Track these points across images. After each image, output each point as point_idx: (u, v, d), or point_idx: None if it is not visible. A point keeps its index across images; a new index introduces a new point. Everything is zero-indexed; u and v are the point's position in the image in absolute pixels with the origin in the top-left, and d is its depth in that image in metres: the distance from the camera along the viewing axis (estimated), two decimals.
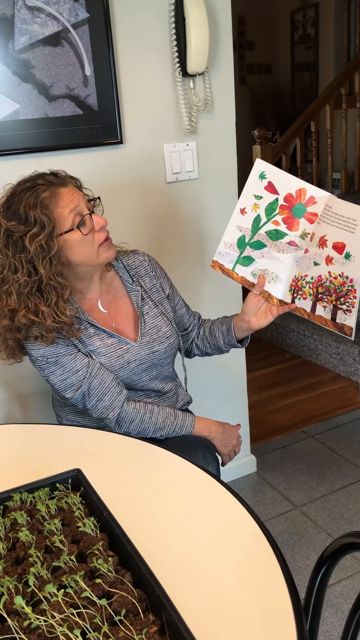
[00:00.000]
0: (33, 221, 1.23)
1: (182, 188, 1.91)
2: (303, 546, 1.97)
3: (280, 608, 0.76)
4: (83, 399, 1.37)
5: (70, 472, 0.99)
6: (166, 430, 1.42)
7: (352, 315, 1.31)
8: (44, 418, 1.85)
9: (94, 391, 1.35)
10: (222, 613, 0.77)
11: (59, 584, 0.76)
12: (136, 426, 1.40)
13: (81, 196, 1.30)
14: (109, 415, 1.38)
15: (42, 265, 1.24)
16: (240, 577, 0.83)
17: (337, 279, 1.30)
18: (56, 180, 1.28)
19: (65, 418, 1.52)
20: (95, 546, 0.82)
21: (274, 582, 0.81)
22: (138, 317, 1.44)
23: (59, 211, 1.25)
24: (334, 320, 1.34)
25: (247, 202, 1.37)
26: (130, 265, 1.49)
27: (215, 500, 1.01)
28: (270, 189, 1.35)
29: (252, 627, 0.74)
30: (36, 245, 1.22)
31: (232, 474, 2.34)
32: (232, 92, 1.91)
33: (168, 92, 1.81)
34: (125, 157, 1.79)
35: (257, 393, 3.02)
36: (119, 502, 0.96)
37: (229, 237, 1.40)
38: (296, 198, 1.33)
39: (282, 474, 2.37)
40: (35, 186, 1.26)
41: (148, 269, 1.49)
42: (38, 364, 1.36)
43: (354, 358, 3.03)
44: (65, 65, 1.63)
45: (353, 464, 2.39)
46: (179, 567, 0.85)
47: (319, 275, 1.33)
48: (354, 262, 1.26)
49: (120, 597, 0.73)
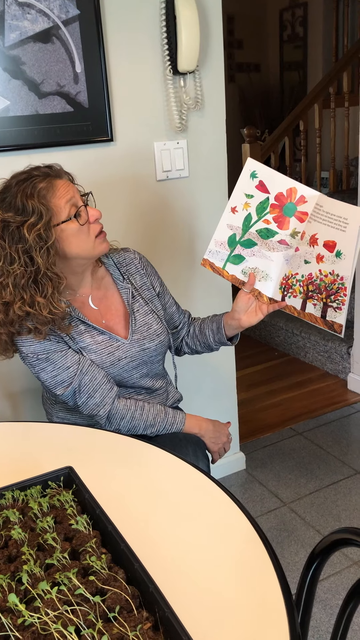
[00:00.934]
0: (31, 211, 1.23)
1: (173, 186, 1.91)
2: (292, 543, 1.98)
3: (272, 603, 0.77)
4: (74, 396, 1.37)
5: (62, 469, 0.99)
6: (157, 427, 1.42)
7: (342, 313, 1.32)
8: (34, 416, 1.85)
9: (85, 388, 1.35)
10: (215, 609, 0.77)
11: (52, 582, 0.76)
12: (127, 423, 1.40)
13: (75, 189, 1.32)
14: (100, 412, 1.38)
15: (40, 254, 1.24)
16: (232, 573, 0.83)
17: (328, 277, 1.31)
18: (51, 172, 1.29)
19: (55, 416, 1.52)
20: (88, 543, 0.82)
21: (266, 578, 0.81)
22: (128, 314, 1.45)
23: (55, 201, 1.26)
24: (324, 317, 1.35)
25: (238, 200, 1.38)
26: (121, 263, 1.49)
27: (206, 497, 1.02)
28: (262, 188, 1.36)
29: (245, 622, 0.75)
30: (34, 235, 1.23)
31: (221, 471, 2.34)
32: (222, 91, 1.92)
33: (159, 90, 1.81)
34: (115, 154, 1.79)
35: (245, 391, 3.03)
36: (110, 500, 0.96)
37: (220, 235, 1.41)
38: (287, 197, 1.34)
39: (270, 471, 2.38)
40: (31, 177, 1.27)
41: (139, 267, 1.50)
42: (28, 361, 1.35)
43: (342, 356, 3.05)
44: (56, 62, 1.63)
45: (341, 460, 2.41)
46: (172, 563, 0.86)
47: (310, 274, 1.34)
48: (344, 260, 1.28)
49: (113, 593, 0.73)
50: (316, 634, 1.64)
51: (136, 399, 1.45)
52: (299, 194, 1.33)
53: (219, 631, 0.74)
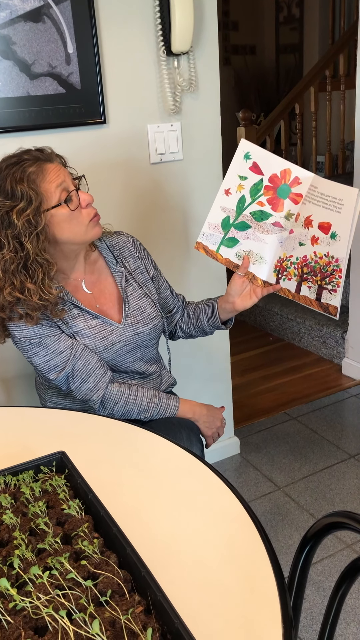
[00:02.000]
0: (20, 196, 1.22)
1: (167, 169, 1.89)
2: (286, 526, 2.00)
3: (264, 587, 0.77)
4: (67, 381, 1.36)
5: (55, 454, 0.98)
6: (150, 411, 1.42)
7: (337, 295, 1.31)
8: (27, 401, 1.84)
9: (78, 372, 1.35)
10: (207, 592, 0.77)
11: (44, 566, 0.76)
12: (120, 408, 1.40)
13: (67, 173, 1.30)
14: (93, 397, 1.37)
15: (29, 240, 1.23)
16: (225, 556, 0.83)
17: (323, 259, 1.30)
18: (42, 156, 1.27)
19: (49, 401, 1.51)
20: (80, 528, 0.82)
21: (258, 562, 0.81)
22: (122, 298, 1.44)
23: (45, 186, 1.25)
24: (319, 300, 1.34)
25: (232, 182, 1.36)
26: (114, 246, 1.48)
27: (199, 481, 1.01)
28: (255, 169, 1.34)
29: (238, 605, 0.75)
30: (23, 220, 1.21)
31: (215, 455, 2.35)
32: (216, 72, 1.89)
33: (152, 71, 1.78)
34: (108, 137, 1.77)
35: (240, 376, 3.04)
36: (103, 484, 0.96)
37: (213, 218, 1.39)
38: (281, 179, 1.33)
39: (265, 455, 2.39)
40: (21, 161, 1.24)
41: (132, 250, 1.48)
42: (21, 346, 1.34)
43: (337, 341, 3.05)
44: (47, 42, 1.60)
45: (335, 445, 2.42)
46: (165, 547, 0.86)
47: (304, 256, 1.33)
48: (339, 242, 1.27)
49: (105, 578, 0.73)
50: (309, 615, 1.66)
51: (130, 383, 1.45)
52: (293, 175, 1.32)
53: (211, 614, 0.74)
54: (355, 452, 2.36)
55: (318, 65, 3.81)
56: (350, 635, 1.59)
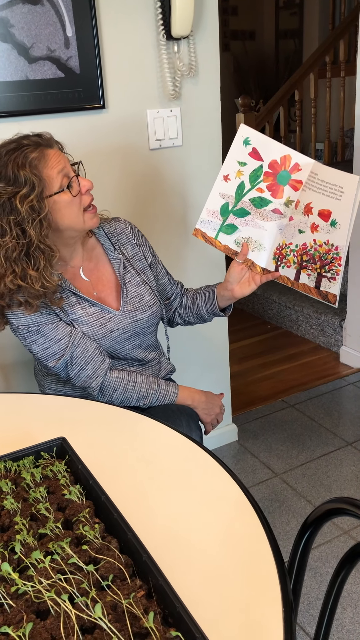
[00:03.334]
0: (23, 181, 1.21)
1: (166, 155, 1.88)
2: (283, 513, 2.01)
3: (265, 571, 0.78)
4: (66, 368, 1.36)
5: (55, 440, 0.98)
6: (149, 398, 1.42)
7: (336, 283, 1.31)
8: (26, 388, 1.84)
9: (77, 360, 1.35)
10: (208, 577, 0.78)
11: (46, 551, 0.76)
12: (119, 395, 1.40)
13: (66, 159, 1.29)
14: (92, 384, 1.37)
15: (32, 227, 1.22)
16: (225, 541, 0.84)
17: (322, 247, 1.30)
18: (42, 141, 1.26)
19: (48, 387, 1.51)
20: (81, 513, 0.82)
21: (258, 546, 0.82)
22: (120, 285, 1.43)
23: (47, 172, 1.24)
24: (318, 288, 1.34)
25: (231, 168, 1.35)
26: (112, 233, 1.47)
27: (199, 467, 1.02)
28: (255, 155, 1.33)
29: (238, 590, 0.75)
30: (27, 207, 1.21)
31: (213, 442, 2.36)
32: (217, 57, 1.87)
33: (152, 55, 1.76)
34: (107, 122, 1.75)
35: (238, 363, 3.04)
36: (104, 470, 0.96)
37: (212, 204, 1.38)
38: (281, 165, 1.31)
39: (262, 442, 2.40)
40: (22, 147, 1.23)
41: (130, 237, 1.48)
42: (19, 333, 1.34)
43: (334, 329, 3.06)
44: (46, 25, 1.58)
45: (332, 432, 2.43)
46: (165, 532, 0.86)
47: (304, 243, 1.32)
48: (339, 230, 1.26)
49: (107, 562, 0.73)
50: (306, 600, 1.67)
51: (129, 370, 1.45)
52: (293, 162, 1.30)
53: (212, 599, 0.74)
54: (353, 439, 2.37)
55: (318, 52, 3.78)
56: (346, 619, 1.60)
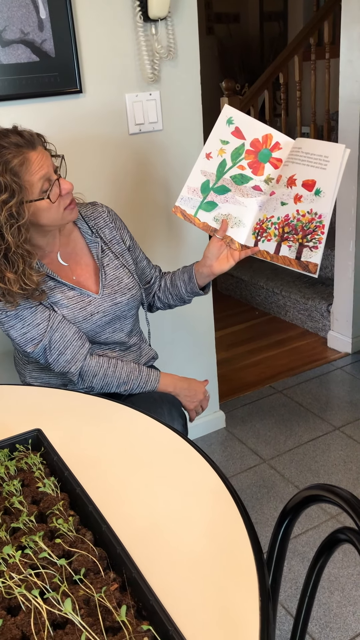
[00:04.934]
0: (3, 188, 1.18)
1: (146, 140, 1.85)
2: (271, 499, 2.00)
3: (242, 561, 0.76)
4: (44, 353, 1.34)
5: (30, 432, 0.96)
6: (130, 384, 1.40)
7: (318, 252, 1.31)
8: (6, 379, 1.82)
9: (55, 345, 1.33)
10: (184, 568, 0.77)
11: (18, 545, 0.75)
12: (99, 380, 1.38)
13: (49, 159, 1.26)
14: (72, 369, 1.36)
15: (10, 232, 1.20)
16: (203, 532, 0.82)
17: (305, 217, 1.30)
18: (23, 143, 1.21)
19: (29, 376, 1.49)
20: (55, 506, 0.80)
21: (236, 536, 0.81)
22: (98, 269, 1.42)
23: (28, 178, 1.22)
24: (299, 259, 1.34)
25: (213, 147, 1.37)
26: (89, 217, 1.45)
27: (178, 457, 1.00)
28: (237, 134, 1.35)
29: (215, 581, 0.74)
30: (6, 213, 1.19)
31: (201, 430, 2.35)
32: (196, 39, 1.83)
33: (129, 38, 1.72)
34: (85, 107, 1.72)
35: (225, 350, 3.03)
36: (81, 462, 0.95)
37: (193, 182, 1.39)
38: (262, 143, 1.34)
39: (250, 429, 2.39)
40: (2, 149, 1.19)
41: (107, 220, 1.46)
42: None
43: (322, 314, 3.05)
44: (18, 7, 1.54)
45: (320, 417, 2.42)
46: (141, 524, 0.85)
47: (286, 215, 1.33)
48: (324, 198, 1.27)
49: (80, 556, 0.72)
50: (294, 585, 1.67)
51: (109, 356, 1.43)
52: (274, 141, 1.33)
53: (188, 590, 0.73)
54: (340, 424, 2.37)
55: (302, 33, 3.73)
56: (333, 603, 1.61)
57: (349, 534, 0.76)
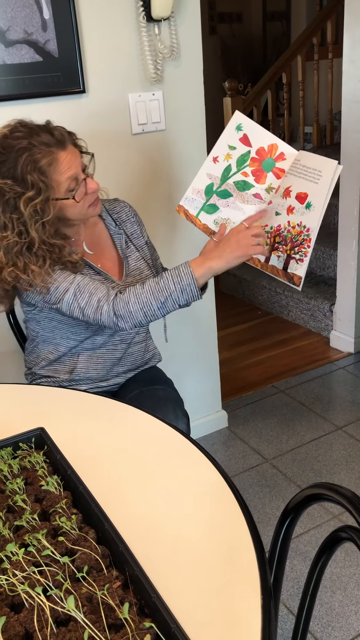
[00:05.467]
0: (30, 185, 1.21)
1: (149, 139, 1.85)
2: (273, 498, 2.01)
3: (244, 560, 0.77)
4: (75, 299, 1.30)
5: (34, 431, 0.97)
6: (164, 291, 1.28)
7: (303, 265, 1.32)
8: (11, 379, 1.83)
9: (85, 287, 1.30)
10: (186, 566, 0.77)
11: (22, 543, 0.75)
12: (134, 305, 1.29)
13: (78, 158, 1.29)
14: (104, 307, 1.29)
15: (35, 228, 1.23)
16: (205, 530, 0.83)
17: (295, 228, 1.32)
18: (53, 142, 1.23)
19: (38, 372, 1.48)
20: (58, 504, 0.81)
21: (239, 535, 0.81)
22: (121, 260, 1.47)
23: (56, 177, 1.24)
24: (285, 270, 1.35)
25: (221, 151, 1.38)
26: (113, 210, 1.51)
27: (181, 456, 1.01)
28: (245, 141, 1.37)
29: (217, 579, 0.74)
30: (31, 209, 1.21)
31: (203, 429, 2.35)
32: (199, 39, 1.84)
33: (132, 38, 1.73)
34: (88, 107, 1.72)
35: (228, 350, 3.03)
36: (84, 461, 0.95)
37: (198, 183, 1.42)
38: (267, 152, 1.36)
39: (253, 428, 2.40)
40: (32, 147, 1.21)
41: (129, 215, 1.53)
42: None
43: (325, 314, 3.05)
44: (22, 8, 1.54)
45: (322, 417, 2.42)
46: (144, 522, 0.85)
47: (279, 225, 1.35)
48: (313, 212, 1.28)
49: (83, 554, 0.72)
50: (296, 585, 1.68)
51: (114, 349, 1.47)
52: (279, 151, 1.35)
53: (190, 588, 0.73)
54: (342, 423, 2.37)
55: (305, 33, 3.73)
56: (335, 602, 1.61)
57: (350, 533, 0.76)
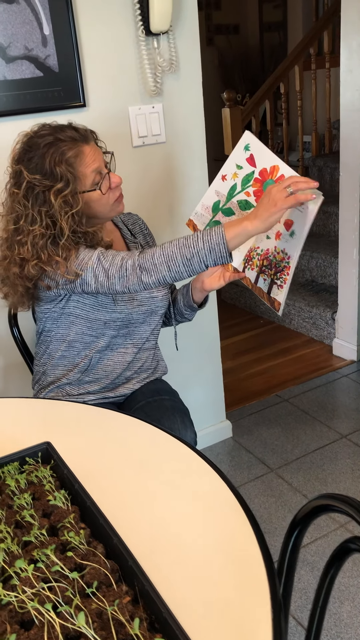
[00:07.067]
0: (59, 177, 1.26)
1: (149, 152, 1.86)
2: (279, 508, 2.00)
3: (253, 571, 0.77)
4: (99, 262, 1.28)
5: (40, 445, 0.97)
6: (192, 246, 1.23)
7: (282, 292, 1.34)
8: (15, 392, 1.83)
9: (109, 252, 1.29)
10: (196, 580, 0.77)
11: (30, 559, 0.75)
12: (159, 257, 1.24)
13: (100, 154, 1.35)
14: (128, 262, 1.26)
15: (64, 219, 1.27)
16: (213, 543, 0.82)
17: (279, 254, 1.34)
18: (78, 137, 1.30)
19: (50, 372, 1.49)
20: (66, 519, 0.81)
21: (247, 547, 0.81)
22: None
23: (82, 170, 1.30)
24: (269, 294, 1.36)
25: (229, 169, 1.40)
26: (128, 222, 1.57)
27: (188, 469, 1.00)
28: (251, 161, 1.38)
29: (226, 592, 0.74)
30: (60, 201, 1.26)
31: (208, 439, 2.35)
32: (197, 52, 1.85)
33: (131, 51, 1.74)
34: (88, 120, 1.73)
35: (231, 359, 3.03)
36: (91, 474, 0.95)
37: (207, 200, 1.44)
38: (269, 174, 1.37)
39: (257, 438, 2.39)
40: (59, 141, 1.27)
41: (142, 227, 1.60)
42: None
43: (327, 322, 3.05)
44: (22, 24, 1.56)
45: (327, 425, 2.42)
46: (153, 536, 0.85)
47: (267, 249, 1.37)
48: (295, 240, 1.30)
49: (92, 569, 0.72)
50: (303, 595, 1.67)
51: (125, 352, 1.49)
52: (279, 173, 1.36)
53: (200, 602, 0.73)
54: (347, 432, 2.36)
55: (302, 44, 3.76)
56: (344, 613, 1.60)
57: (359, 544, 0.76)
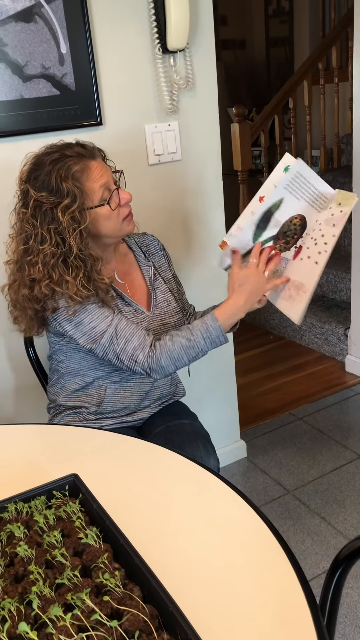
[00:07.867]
0: (65, 193, 1.23)
1: (166, 170, 1.84)
2: (297, 531, 1.95)
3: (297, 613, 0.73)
4: (111, 343, 1.29)
5: (67, 477, 0.93)
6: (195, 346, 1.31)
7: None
8: (31, 417, 1.79)
9: (122, 332, 1.30)
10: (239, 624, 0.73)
11: (64, 602, 0.72)
12: (166, 360, 1.30)
13: (108, 170, 1.32)
14: (139, 357, 1.29)
15: (73, 236, 1.24)
16: (254, 582, 0.79)
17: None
18: (85, 152, 1.28)
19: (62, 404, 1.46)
20: (99, 559, 0.77)
21: (288, 587, 0.77)
22: (150, 291, 1.47)
23: (90, 185, 1.27)
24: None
25: (267, 191, 1.36)
26: (142, 243, 1.53)
27: (217, 498, 0.97)
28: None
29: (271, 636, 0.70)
30: (68, 217, 1.23)
31: (222, 460, 2.30)
32: (213, 69, 1.84)
33: (148, 69, 1.73)
34: (105, 138, 1.71)
35: (242, 376, 2.99)
36: (119, 508, 0.91)
37: (242, 221, 1.40)
38: None
39: (272, 458, 2.35)
40: (64, 157, 1.25)
41: (158, 248, 1.55)
42: (64, 317, 1.30)
43: (339, 338, 3.01)
44: (40, 43, 1.54)
45: (343, 445, 2.38)
46: (187, 575, 0.81)
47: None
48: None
49: (131, 615, 0.68)
50: None
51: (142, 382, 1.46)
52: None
53: None
54: None
55: (310, 59, 3.76)
56: None
57: None
